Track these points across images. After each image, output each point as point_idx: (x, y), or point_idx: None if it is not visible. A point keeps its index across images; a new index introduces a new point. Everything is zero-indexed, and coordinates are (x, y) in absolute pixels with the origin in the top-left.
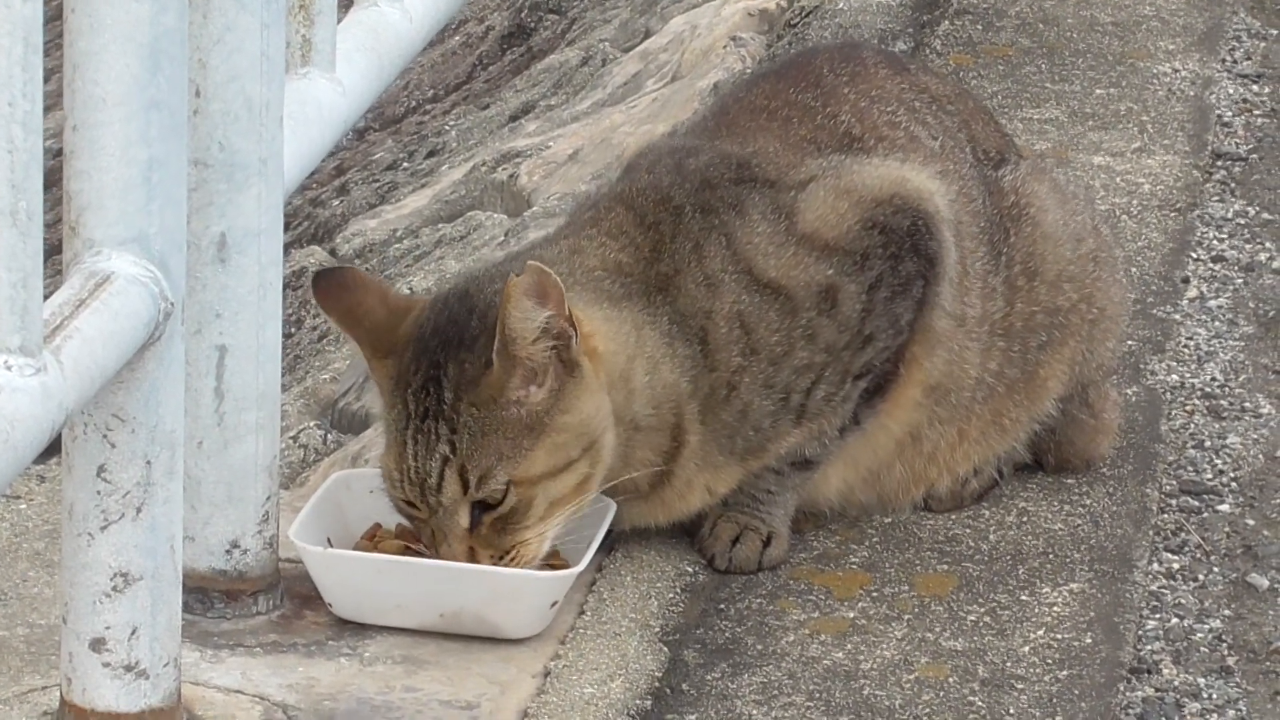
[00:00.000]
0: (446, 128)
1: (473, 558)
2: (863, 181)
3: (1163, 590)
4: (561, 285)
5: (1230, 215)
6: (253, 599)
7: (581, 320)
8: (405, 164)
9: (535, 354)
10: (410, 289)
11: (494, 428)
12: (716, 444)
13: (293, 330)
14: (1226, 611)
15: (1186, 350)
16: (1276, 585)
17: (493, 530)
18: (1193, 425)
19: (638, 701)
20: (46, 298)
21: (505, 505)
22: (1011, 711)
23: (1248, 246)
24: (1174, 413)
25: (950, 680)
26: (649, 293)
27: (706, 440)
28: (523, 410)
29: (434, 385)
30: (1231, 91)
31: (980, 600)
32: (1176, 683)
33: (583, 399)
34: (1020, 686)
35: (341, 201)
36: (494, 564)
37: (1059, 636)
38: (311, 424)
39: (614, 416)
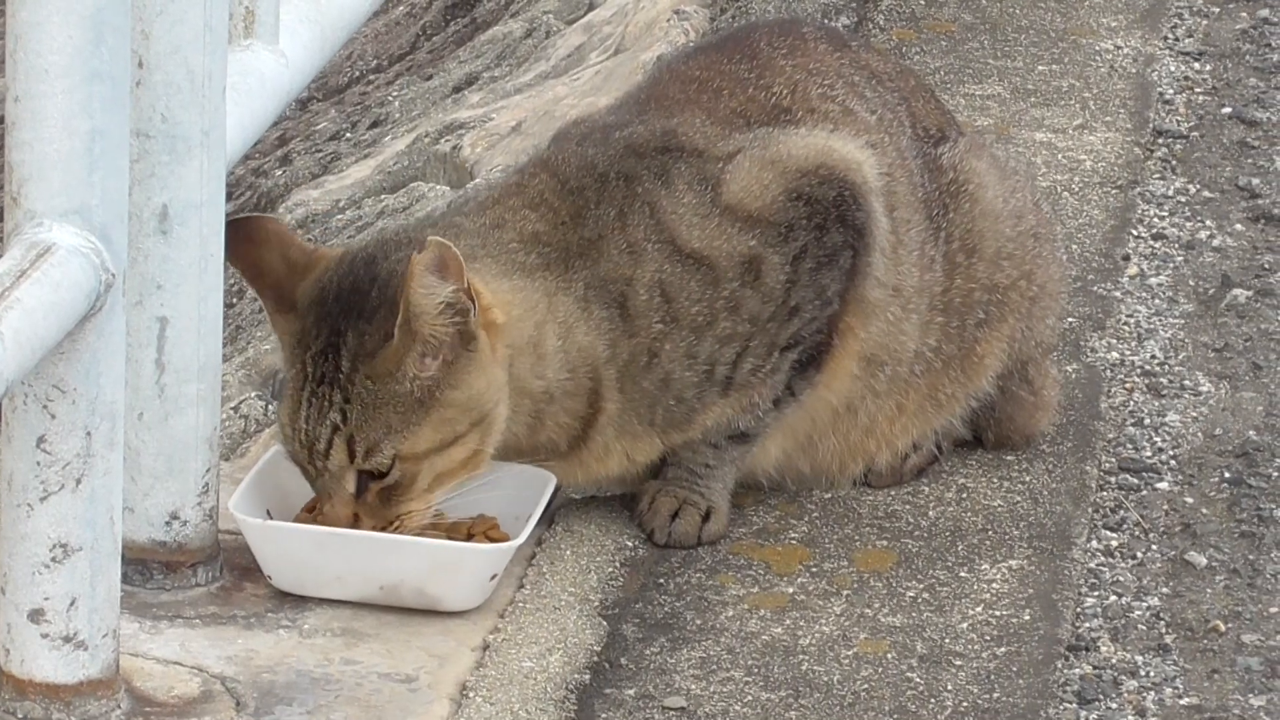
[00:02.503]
0: (390, 98)
1: (356, 524)
2: (788, 152)
3: (1101, 568)
4: (461, 259)
5: (1171, 193)
6: (192, 571)
7: (481, 293)
8: (348, 134)
9: (437, 329)
10: None
11: (385, 401)
12: (635, 413)
13: (234, 300)
14: (1164, 589)
15: (1127, 328)
16: (1214, 563)
17: (379, 499)
18: (1132, 403)
19: (576, 675)
20: None
21: (390, 477)
22: (949, 688)
23: (1188, 224)
24: (1114, 390)
25: (889, 656)
26: (567, 259)
27: (625, 409)
28: (415, 385)
29: (333, 352)
30: (1173, 69)
31: (919, 576)
32: (1114, 660)
33: (474, 374)
34: (959, 663)
35: (284, 171)
36: (386, 529)
37: (997, 613)
38: (253, 395)
39: (521, 384)
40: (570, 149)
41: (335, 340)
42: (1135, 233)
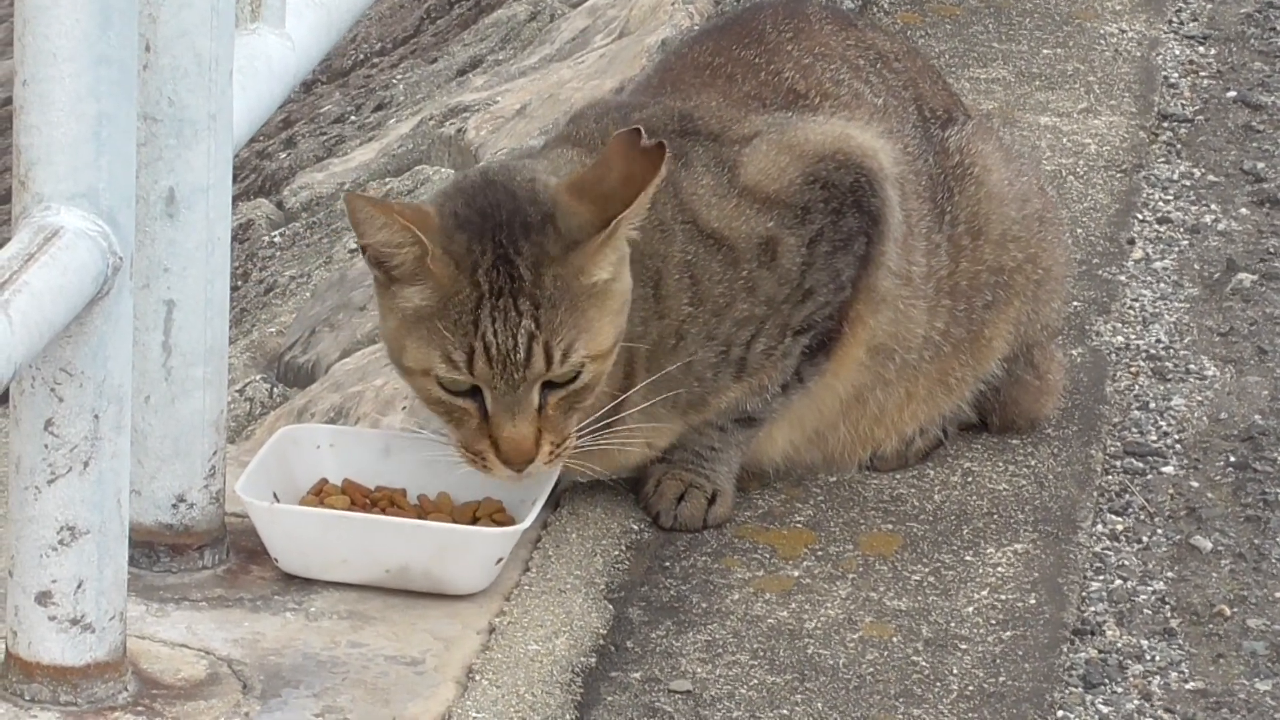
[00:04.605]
0: (394, 81)
1: (538, 440)
2: (806, 137)
3: (1106, 551)
4: None
5: (1176, 177)
6: (199, 553)
7: None
8: (353, 117)
9: (632, 231)
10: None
11: (575, 302)
12: (659, 395)
13: (239, 283)
14: (1170, 573)
15: (1132, 312)
16: (1220, 547)
17: (558, 411)
18: (1137, 387)
19: (582, 659)
20: None
21: (580, 380)
22: (955, 671)
23: (1193, 208)
24: (1119, 374)
25: (894, 640)
26: None
27: (650, 391)
28: (596, 283)
29: (505, 265)
30: (1178, 53)
31: (924, 560)
32: (1120, 644)
33: (625, 265)
34: (964, 647)
35: (289, 154)
36: (552, 453)
37: (1003, 597)
38: (258, 377)
39: None
40: (590, 125)
41: (504, 252)
42: (1140, 216)
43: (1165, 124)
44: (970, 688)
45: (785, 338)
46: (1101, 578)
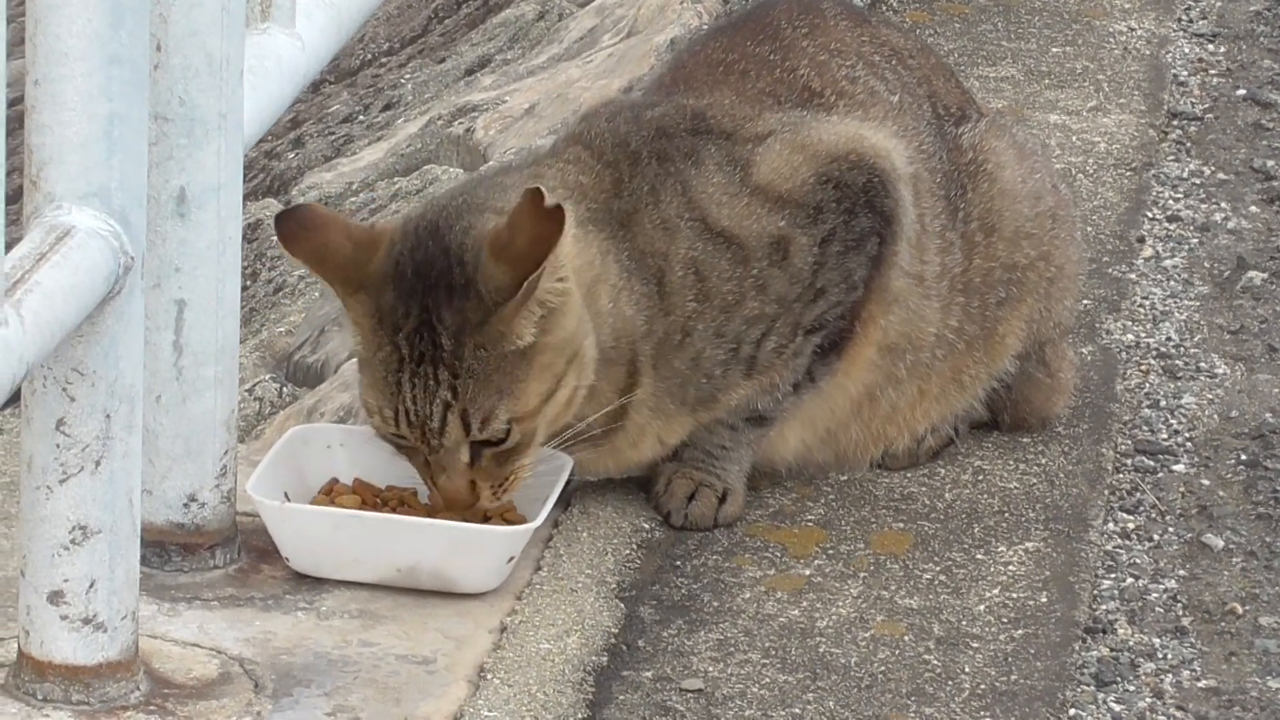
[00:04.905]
0: (402, 81)
1: (473, 490)
2: (820, 137)
3: (1118, 550)
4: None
5: (1186, 175)
6: (210, 553)
7: None
8: (361, 117)
9: (553, 285)
10: None
11: (494, 367)
12: (668, 392)
13: (248, 283)
14: (1181, 572)
15: (1142, 310)
16: (1231, 546)
17: (493, 462)
18: (1148, 385)
19: (594, 657)
20: (6, 251)
21: (509, 441)
22: (966, 670)
23: (1203, 206)
24: (1129, 372)
25: (905, 638)
26: (611, 223)
27: (659, 388)
28: (521, 343)
29: (428, 330)
30: (1187, 51)
31: (936, 558)
32: (1131, 642)
33: (567, 313)
34: (975, 645)
35: (297, 154)
36: (494, 493)
37: (1014, 595)
38: (267, 377)
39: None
40: (601, 124)
41: (428, 318)
42: (1150, 215)
43: (1175, 122)
44: (982, 686)
45: (796, 336)
46: (1113, 576)
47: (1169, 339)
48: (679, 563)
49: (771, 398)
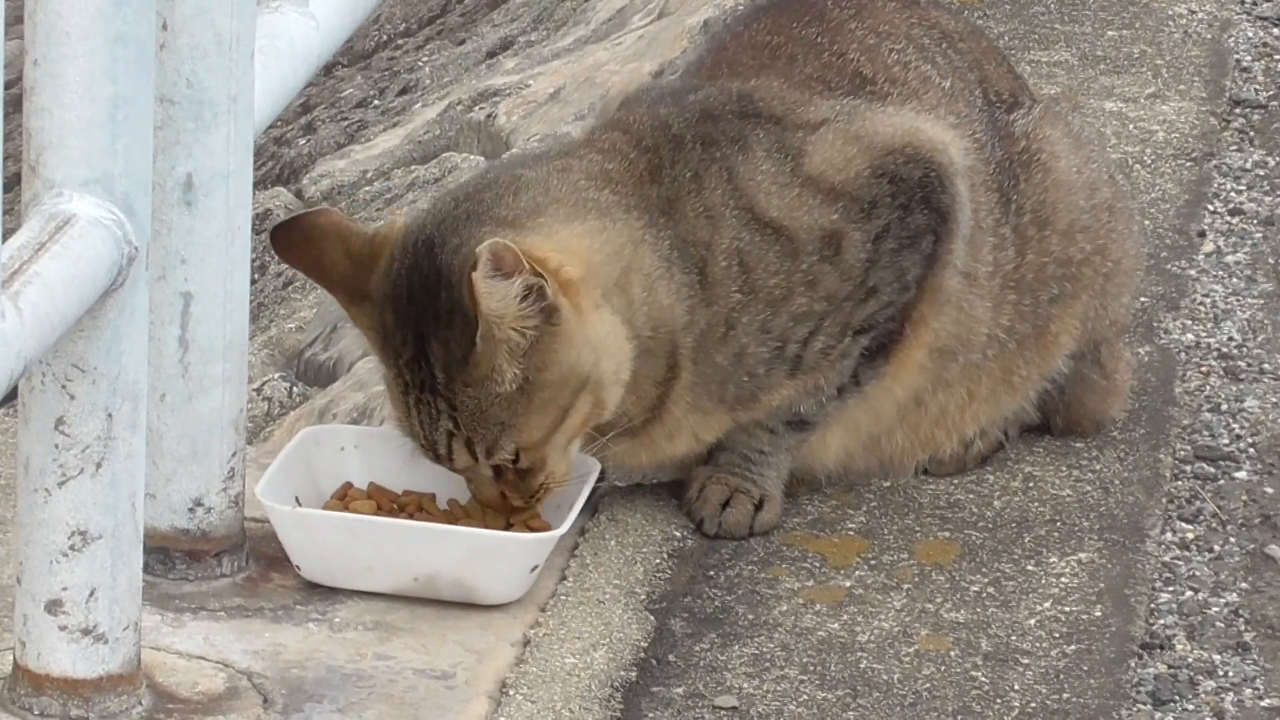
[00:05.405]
0: (420, 64)
1: (504, 497)
2: (875, 129)
3: (1176, 561)
4: (515, 249)
5: (1249, 166)
6: (217, 560)
7: (548, 257)
8: (376, 102)
9: (517, 324)
10: None
11: (490, 402)
12: (707, 388)
13: (256, 277)
14: (1243, 584)
15: (1202, 308)
16: None
17: (518, 476)
18: (1208, 387)
19: (622, 673)
20: (4, 241)
21: (522, 464)
22: (1016, 687)
23: (1267, 199)
24: (1189, 374)
25: (952, 654)
26: (649, 210)
27: (697, 382)
28: (513, 379)
29: (423, 359)
30: (1251, 35)
31: (984, 570)
32: (1191, 659)
33: (560, 348)
34: (1026, 661)
35: (308, 140)
36: (526, 503)
37: (1067, 609)
38: (276, 376)
39: (624, 324)
40: (642, 110)
41: (421, 346)
42: (1211, 208)
43: (1237, 110)
44: (1032, 705)
45: (845, 337)
46: (1171, 589)
47: (1231, 339)
48: (712, 573)
49: (815, 400)
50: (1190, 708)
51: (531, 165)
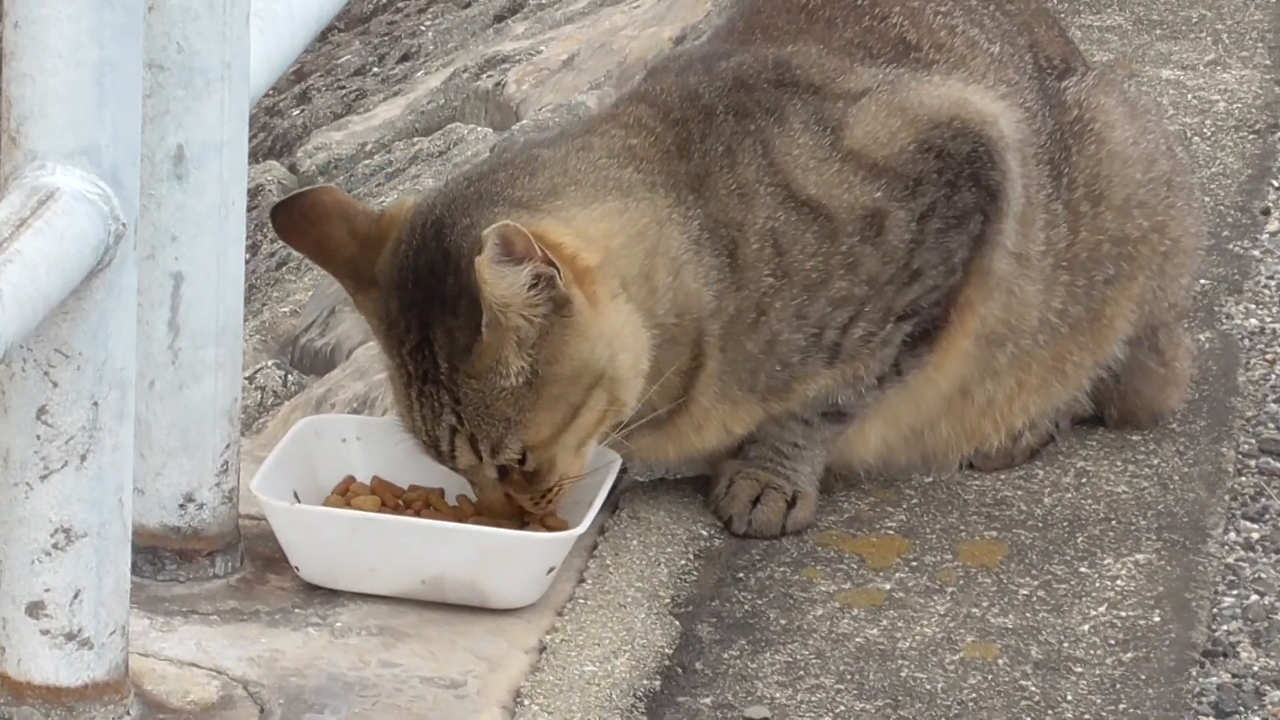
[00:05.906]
0: (422, 28)
1: (510, 500)
2: (921, 100)
3: (1240, 563)
4: (526, 232)
5: None
6: (209, 560)
7: (563, 243)
8: (375, 69)
9: (525, 312)
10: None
11: (495, 396)
12: (736, 376)
13: (247, 257)
14: None
15: (1267, 291)
16: None
17: (525, 478)
18: (1273, 376)
19: (645, 681)
20: None
21: (529, 465)
22: (1069, 698)
23: None
24: (1253, 362)
25: (999, 662)
26: (676, 187)
27: (726, 370)
28: (520, 372)
29: (428, 348)
30: None
31: (1033, 572)
32: (1256, 668)
33: (572, 341)
34: (1079, 670)
35: (302, 111)
36: (535, 504)
37: (1123, 614)
38: (270, 363)
39: (644, 313)
40: (670, 80)
41: (426, 335)
42: (1276, 183)
43: None
44: (1086, 716)
45: (887, 323)
46: (1235, 593)
47: None
48: (741, 575)
49: (854, 390)
50: (1256, 719)
51: (551, 144)
